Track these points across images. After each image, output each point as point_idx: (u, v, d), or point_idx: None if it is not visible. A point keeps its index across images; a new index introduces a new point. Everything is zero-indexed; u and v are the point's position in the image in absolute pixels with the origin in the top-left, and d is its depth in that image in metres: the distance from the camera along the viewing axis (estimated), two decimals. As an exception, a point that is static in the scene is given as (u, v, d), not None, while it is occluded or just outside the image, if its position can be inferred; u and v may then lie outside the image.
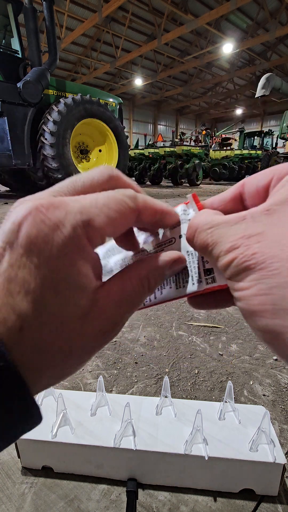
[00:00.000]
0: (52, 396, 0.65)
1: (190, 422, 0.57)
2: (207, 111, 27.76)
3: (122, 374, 0.85)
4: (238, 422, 0.59)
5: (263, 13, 13.91)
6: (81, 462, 0.56)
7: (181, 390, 0.80)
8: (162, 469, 0.54)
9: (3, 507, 0.51)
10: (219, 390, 0.80)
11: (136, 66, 18.86)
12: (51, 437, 0.55)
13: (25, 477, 0.56)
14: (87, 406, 0.62)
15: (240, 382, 0.83)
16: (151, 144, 13.72)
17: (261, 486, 0.53)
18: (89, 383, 0.82)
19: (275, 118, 24.81)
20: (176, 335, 1.06)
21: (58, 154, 5.03)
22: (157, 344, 1.01)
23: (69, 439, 0.55)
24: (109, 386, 0.80)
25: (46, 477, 0.56)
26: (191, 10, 13.77)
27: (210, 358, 0.94)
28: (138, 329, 1.10)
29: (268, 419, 0.54)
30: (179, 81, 21.75)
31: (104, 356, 0.94)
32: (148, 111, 25.58)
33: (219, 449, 0.53)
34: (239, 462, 0.52)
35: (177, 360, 0.92)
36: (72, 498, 0.52)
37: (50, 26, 5.00)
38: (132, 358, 0.93)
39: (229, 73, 19.08)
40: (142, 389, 0.80)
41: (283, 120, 12.45)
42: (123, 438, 0.54)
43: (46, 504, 0.51)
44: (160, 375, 0.85)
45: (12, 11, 4.96)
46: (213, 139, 15.14)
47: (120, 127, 6.10)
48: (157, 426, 0.58)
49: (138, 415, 0.60)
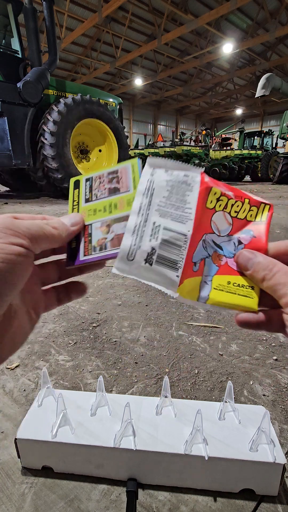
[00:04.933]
0: (52, 396, 0.64)
1: (190, 422, 0.57)
2: (207, 111, 27.75)
3: (122, 374, 0.85)
4: (238, 422, 0.59)
5: (263, 13, 13.90)
6: (81, 462, 0.56)
7: (181, 390, 0.80)
8: (162, 469, 0.54)
9: (3, 507, 0.51)
10: (219, 390, 0.80)
11: (136, 66, 18.85)
12: (51, 437, 0.55)
13: (25, 477, 0.56)
14: (87, 406, 0.62)
15: (240, 382, 0.83)
16: (151, 144, 13.71)
17: (261, 486, 0.53)
18: (89, 383, 0.82)
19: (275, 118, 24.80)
20: (176, 335, 1.06)
21: (58, 154, 5.03)
22: (157, 344, 1.01)
23: (69, 439, 0.55)
24: (109, 386, 0.80)
25: (46, 477, 0.56)
26: (191, 10, 13.77)
27: (210, 358, 0.94)
28: (138, 329, 1.10)
29: (268, 419, 0.54)
30: (179, 81, 21.75)
31: (104, 356, 0.94)
32: (148, 111, 25.57)
33: (219, 449, 0.53)
34: (239, 462, 0.52)
35: (177, 360, 0.92)
36: (72, 498, 0.52)
37: (50, 26, 5.01)
38: (132, 358, 0.93)
39: (229, 73, 19.07)
40: (142, 389, 0.80)
41: (283, 120, 12.44)
42: (123, 438, 0.54)
43: (46, 504, 0.51)
44: (160, 375, 0.85)
45: (12, 11, 4.96)
46: (213, 139, 15.12)
47: (120, 127, 6.10)
48: (157, 426, 0.58)
49: (138, 415, 0.60)
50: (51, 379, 0.83)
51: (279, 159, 11.16)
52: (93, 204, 0.31)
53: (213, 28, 13.95)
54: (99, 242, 0.28)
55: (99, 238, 0.28)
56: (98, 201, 0.31)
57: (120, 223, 0.28)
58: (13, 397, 0.76)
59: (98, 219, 0.29)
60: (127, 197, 0.29)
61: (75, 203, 0.32)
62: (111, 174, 0.31)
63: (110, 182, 0.31)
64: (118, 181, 0.30)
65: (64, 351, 0.96)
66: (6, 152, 4.95)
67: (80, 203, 0.32)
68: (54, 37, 5.11)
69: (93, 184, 0.32)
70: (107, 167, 0.32)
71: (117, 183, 0.30)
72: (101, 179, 0.32)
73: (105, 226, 0.28)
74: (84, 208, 0.31)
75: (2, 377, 0.83)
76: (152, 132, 25.98)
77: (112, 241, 0.27)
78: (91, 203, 0.31)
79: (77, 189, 0.33)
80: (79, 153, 6.06)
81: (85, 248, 0.28)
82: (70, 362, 0.90)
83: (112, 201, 0.30)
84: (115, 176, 0.31)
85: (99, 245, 0.28)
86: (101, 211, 0.30)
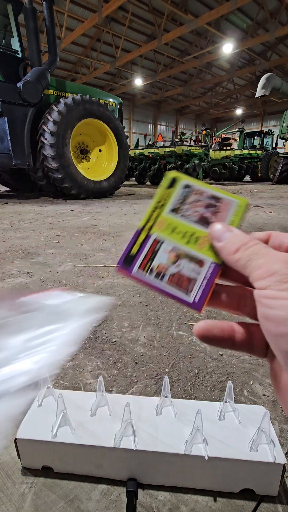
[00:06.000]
0: (52, 396, 0.64)
1: (190, 422, 0.57)
2: (207, 111, 27.76)
3: (122, 374, 0.85)
4: (238, 422, 0.59)
5: (263, 13, 13.91)
6: (81, 462, 0.56)
7: (181, 390, 0.80)
8: (162, 469, 0.54)
9: (3, 507, 0.51)
10: (219, 390, 0.80)
11: (136, 66, 18.85)
12: (51, 437, 0.55)
13: (25, 477, 0.56)
14: (87, 406, 0.62)
15: (240, 382, 0.83)
16: (151, 144, 13.71)
17: (261, 486, 0.53)
18: (89, 383, 0.82)
19: (275, 118, 24.81)
20: (176, 335, 1.06)
21: (58, 154, 5.04)
22: (157, 344, 1.01)
23: (69, 439, 0.55)
24: (109, 386, 0.80)
25: (46, 477, 0.56)
26: (191, 10, 13.78)
27: (210, 358, 0.94)
28: (138, 329, 1.10)
29: (268, 419, 0.54)
30: (179, 81, 21.75)
31: (104, 356, 0.94)
32: (148, 111, 25.57)
33: (219, 449, 0.53)
34: (239, 462, 0.52)
35: (177, 360, 0.92)
36: (72, 498, 0.52)
37: (50, 26, 5.01)
38: (132, 358, 0.93)
39: (229, 73, 19.08)
40: (142, 389, 0.80)
41: (283, 120, 12.44)
42: (123, 438, 0.54)
43: (46, 504, 0.51)
44: (160, 375, 0.85)
45: (12, 11, 4.97)
46: (213, 139, 15.12)
47: (120, 127, 6.11)
48: (157, 426, 0.58)
49: (138, 415, 0.60)
50: (51, 379, 0.83)
51: (279, 159, 11.16)
52: (176, 220, 0.27)
53: (213, 28, 13.97)
54: (159, 268, 0.25)
55: (162, 263, 0.25)
56: (183, 220, 0.27)
57: (191, 264, 0.25)
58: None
59: (172, 241, 0.26)
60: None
61: (160, 204, 0.28)
62: (212, 199, 0.27)
63: (206, 207, 0.27)
64: (214, 213, 0.27)
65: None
66: (6, 152, 4.95)
67: (165, 208, 0.28)
68: (54, 37, 5.11)
69: (189, 196, 0.28)
70: (210, 187, 0.28)
71: (213, 214, 0.27)
72: (200, 196, 0.28)
73: (174, 254, 0.26)
74: (166, 217, 0.27)
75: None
76: (152, 132, 25.97)
77: (173, 277, 0.25)
78: (175, 217, 0.27)
79: (171, 188, 0.29)
80: (79, 153, 6.07)
81: (143, 263, 0.26)
82: (70, 362, 0.90)
83: (196, 231, 0.26)
84: (214, 204, 0.27)
85: (157, 270, 0.25)
86: (180, 234, 0.26)
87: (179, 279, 0.25)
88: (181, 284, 0.25)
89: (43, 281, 1.53)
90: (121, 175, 6.29)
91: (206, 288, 0.24)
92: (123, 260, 0.26)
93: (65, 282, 1.51)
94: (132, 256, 0.26)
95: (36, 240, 2.42)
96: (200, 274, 0.25)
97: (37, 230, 2.84)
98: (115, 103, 6.64)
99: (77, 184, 5.38)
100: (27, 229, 2.86)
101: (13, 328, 0.35)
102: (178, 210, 0.27)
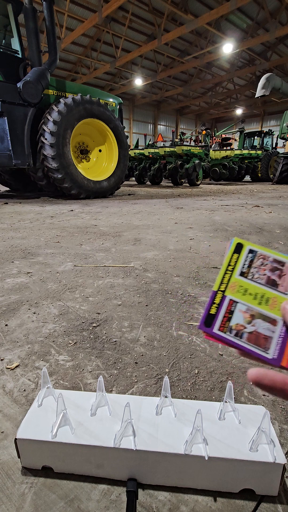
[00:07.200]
0: (52, 396, 0.65)
1: (190, 422, 0.57)
2: (207, 111, 27.76)
3: (122, 374, 0.85)
4: (238, 422, 0.59)
5: (263, 13, 13.92)
6: (81, 462, 0.56)
7: (181, 390, 0.80)
8: (162, 469, 0.54)
9: (3, 507, 0.51)
10: (219, 390, 0.80)
11: (136, 66, 18.85)
12: (51, 437, 0.55)
13: (25, 477, 0.56)
14: (87, 406, 0.62)
15: (240, 382, 0.83)
16: (151, 144, 13.71)
17: (261, 486, 0.53)
18: (89, 383, 0.82)
19: (275, 118, 24.81)
20: (176, 335, 1.06)
21: (58, 154, 5.04)
22: (157, 344, 1.01)
23: (69, 439, 0.55)
24: (109, 386, 0.80)
25: (46, 477, 0.56)
26: (191, 10, 13.78)
27: (210, 358, 0.94)
28: (138, 329, 1.10)
29: (268, 419, 0.54)
30: (179, 81, 21.75)
31: (104, 356, 0.94)
32: (148, 111, 25.58)
33: (219, 449, 0.53)
34: (239, 462, 0.52)
35: (177, 360, 0.92)
36: (72, 498, 0.52)
37: (50, 26, 5.01)
38: (132, 358, 0.93)
39: (229, 73, 19.07)
40: (142, 389, 0.80)
41: (283, 120, 12.44)
42: (123, 438, 0.54)
43: (46, 504, 0.51)
44: (160, 375, 0.85)
45: (12, 11, 4.97)
46: (213, 139, 15.12)
47: (120, 127, 6.11)
48: (157, 426, 0.58)
49: (138, 415, 0.60)
50: (51, 379, 0.83)
51: (279, 159, 11.17)
52: (247, 282, 0.30)
53: (213, 28, 13.96)
54: (237, 327, 0.28)
55: (239, 323, 0.28)
56: (252, 283, 0.30)
57: (265, 323, 0.27)
58: (13, 397, 0.76)
59: (246, 302, 0.29)
60: (281, 300, 0.28)
61: (230, 268, 0.31)
62: (276, 263, 0.30)
63: (271, 271, 0.30)
64: (280, 276, 0.29)
65: (64, 351, 0.96)
66: (6, 152, 4.96)
67: (235, 272, 0.31)
68: (54, 37, 5.11)
69: (255, 260, 0.31)
70: (273, 252, 0.31)
71: (278, 277, 0.29)
72: (264, 260, 0.30)
73: (249, 314, 0.28)
74: (237, 280, 0.30)
75: (2, 377, 0.83)
76: (152, 132, 25.98)
77: (251, 335, 0.27)
78: (245, 280, 0.30)
79: (237, 254, 0.32)
80: (79, 153, 6.07)
81: (222, 323, 0.28)
82: (70, 362, 0.90)
83: (266, 293, 0.29)
84: (279, 268, 0.30)
85: (236, 329, 0.28)
86: (252, 295, 0.29)
87: (257, 338, 0.27)
88: (259, 343, 0.27)
89: (43, 281, 1.53)
90: (121, 175, 6.29)
91: (282, 346, 0.27)
92: (204, 320, 0.29)
93: (65, 282, 1.51)
94: (212, 316, 0.29)
95: (36, 240, 2.42)
96: (275, 332, 0.27)
97: (37, 230, 2.84)
98: (115, 103, 6.65)
99: (77, 184, 5.38)
100: (27, 229, 2.86)
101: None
102: (247, 274, 0.30)
